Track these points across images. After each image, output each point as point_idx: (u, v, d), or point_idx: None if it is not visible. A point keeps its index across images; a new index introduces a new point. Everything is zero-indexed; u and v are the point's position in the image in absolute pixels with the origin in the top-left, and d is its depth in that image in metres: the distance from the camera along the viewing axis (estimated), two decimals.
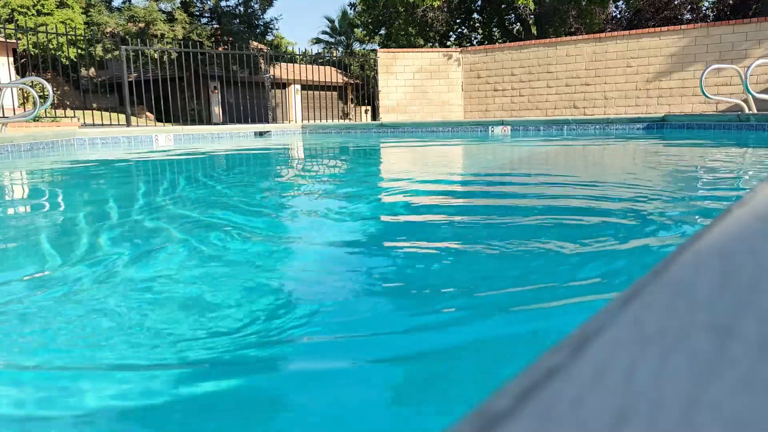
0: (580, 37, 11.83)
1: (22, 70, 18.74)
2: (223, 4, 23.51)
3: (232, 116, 22.69)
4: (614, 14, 23.94)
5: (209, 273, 1.63)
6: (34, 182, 4.27)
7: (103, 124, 12.17)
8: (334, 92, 22.45)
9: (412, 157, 6.33)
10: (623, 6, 23.58)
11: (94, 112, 13.37)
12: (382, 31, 21.82)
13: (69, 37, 15.04)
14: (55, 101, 17.72)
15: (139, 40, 16.23)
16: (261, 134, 10.55)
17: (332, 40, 32.63)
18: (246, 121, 19.27)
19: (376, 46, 24.35)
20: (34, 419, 0.87)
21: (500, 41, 21.68)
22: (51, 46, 14.89)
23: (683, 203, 2.80)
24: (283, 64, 20.57)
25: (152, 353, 1.07)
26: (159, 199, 3.19)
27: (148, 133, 8.93)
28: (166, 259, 1.81)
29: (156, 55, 17.52)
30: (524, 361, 0.29)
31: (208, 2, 23.34)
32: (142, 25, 19.94)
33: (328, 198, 3.23)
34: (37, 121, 10.34)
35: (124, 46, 12.04)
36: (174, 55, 16.11)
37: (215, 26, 23.18)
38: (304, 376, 1.01)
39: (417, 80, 13.06)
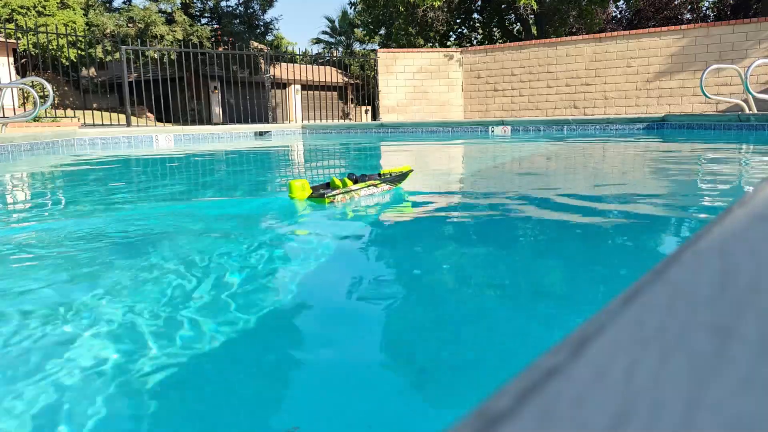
0: (580, 37, 11.83)
1: (22, 70, 18.72)
2: (223, 4, 23.50)
3: (232, 116, 22.67)
4: (614, 14, 23.92)
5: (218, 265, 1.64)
6: (34, 179, 4.27)
7: (103, 125, 12.17)
8: (334, 92, 22.43)
9: (411, 156, 6.33)
10: (623, 6, 23.57)
11: (95, 112, 13.37)
12: (382, 31, 21.78)
13: (69, 38, 15.03)
14: (55, 101, 17.70)
15: (139, 40, 16.19)
16: (261, 134, 10.54)
17: (332, 40, 32.60)
18: (246, 121, 19.26)
19: (376, 46, 24.32)
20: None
21: (500, 41, 21.67)
22: (51, 47, 14.88)
23: (683, 203, 2.80)
24: (283, 64, 20.55)
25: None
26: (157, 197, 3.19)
27: (148, 133, 8.93)
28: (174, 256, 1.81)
29: (156, 56, 17.50)
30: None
31: (209, 2, 23.31)
32: (141, 26, 19.89)
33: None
34: (37, 121, 10.34)
35: (123, 47, 12.03)
36: (174, 56, 16.07)
37: (215, 26, 23.15)
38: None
39: (417, 80, 13.05)
